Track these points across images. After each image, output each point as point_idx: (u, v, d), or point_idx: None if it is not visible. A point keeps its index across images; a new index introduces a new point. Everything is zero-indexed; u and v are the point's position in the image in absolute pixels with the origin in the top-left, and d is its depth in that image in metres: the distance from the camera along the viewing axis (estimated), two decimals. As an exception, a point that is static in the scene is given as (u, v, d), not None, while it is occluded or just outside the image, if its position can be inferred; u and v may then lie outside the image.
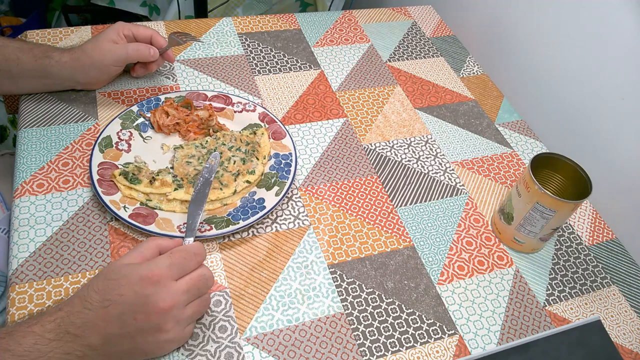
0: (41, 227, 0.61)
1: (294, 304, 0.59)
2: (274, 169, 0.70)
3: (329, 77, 0.89)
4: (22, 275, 0.56)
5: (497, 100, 0.91)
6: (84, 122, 0.73)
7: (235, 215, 0.64)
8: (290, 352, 0.55)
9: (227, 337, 0.55)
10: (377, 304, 0.60)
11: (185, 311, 0.49)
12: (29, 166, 0.67)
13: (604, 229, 0.74)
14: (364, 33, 1.00)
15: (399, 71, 0.93)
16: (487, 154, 0.81)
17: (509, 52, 1.02)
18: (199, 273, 0.51)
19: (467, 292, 0.63)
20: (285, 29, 0.97)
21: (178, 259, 0.49)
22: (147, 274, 0.47)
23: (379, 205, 0.71)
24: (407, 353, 0.57)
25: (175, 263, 0.49)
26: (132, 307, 0.46)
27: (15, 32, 1.54)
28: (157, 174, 0.66)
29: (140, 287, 0.46)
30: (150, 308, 0.46)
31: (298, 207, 0.69)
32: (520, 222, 0.65)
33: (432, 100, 0.88)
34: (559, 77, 0.91)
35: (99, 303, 0.46)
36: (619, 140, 0.80)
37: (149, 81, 0.81)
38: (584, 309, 0.64)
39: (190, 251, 0.51)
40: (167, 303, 0.47)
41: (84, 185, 0.66)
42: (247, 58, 0.89)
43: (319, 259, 0.63)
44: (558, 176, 0.67)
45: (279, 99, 0.83)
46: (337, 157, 0.76)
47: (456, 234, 0.69)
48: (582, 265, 0.69)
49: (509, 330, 0.61)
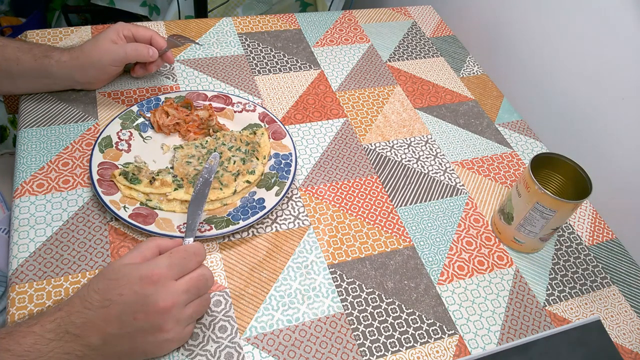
0: (41, 227, 0.61)
1: (294, 304, 0.59)
2: (274, 169, 0.70)
3: (329, 77, 0.89)
4: (22, 275, 0.56)
5: (497, 100, 0.91)
6: (84, 122, 0.73)
7: (235, 215, 0.64)
8: (290, 352, 0.55)
9: (227, 337, 0.55)
10: (377, 304, 0.60)
11: (185, 311, 0.49)
12: (29, 166, 0.67)
13: (604, 229, 0.74)
14: (364, 33, 1.00)
15: (399, 71, 0.93)
16: (487, 154, 0.81)
17: (509, 52, 1.02)
18: (199, 273, 0.51)
19: (467, 292, 0.63)
20: (285, 29, 0.97)
21: (178, 259, 0.49)
22: (147, 273, 0.47)
23: (379, 205, 0.71)
24: (407, 353, 0.57)
25: (175, 263, 0.49)
26: (132, 307, 0.46)
27: (15, 32, 1.54)
28: (157, 174, 0.66)
29: (140, 287, 0.46)
30: (150, 308, 0.47)
31: (298, 207, 0.69)
32: (520, 222, 0.65)
33: (432, 100, 0.88)
34: (559, 77, 0.91)
35: (99, 303, 0.46)
36: (619, 140, 0.80)
37: (149, 81, 0.81)
38: (584, 309, 0.64)
39: (190, 251, 0.51)
40: (167, 303, 0.47)
41: (84, 185, 0.66)
42: (247, 58, 0.89)
43: (319, 259, 0.63)
44: (558, 176, 0.67)
45: (279, 99, 0.83)
46: (337, 157, 0.76)
47: (456, 234, 0.69)
48: (582, 265, 0.69)
49: (509, 330, 0.61)
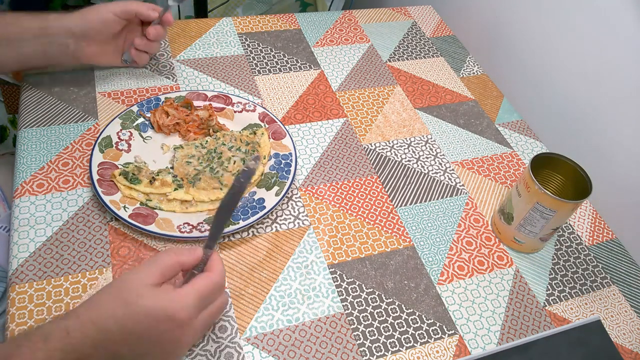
0: (41, 227, 0.61)
1: (294, 304, 0.59)
2: (274, 169, 0.70)
3: (329, 77, 0.89)
4: (22, 275, 0.56)
5: (497, 100, 0.91)
6: (84, 122, 0.73)
7: (235, 216, 0.64)
8: (290, 352, 0.55)
9: (227, 337, 0.55)
10: (377, 304, 0.60)
11: (199, 332, 0.49)
12: (29, 166, 0.67)
13: (604, 229, 0.74)
14: (364, 33, 1.00)
15: (399, 71, 0.93)
16: (487, 154, 0.81)
17: (509, 52, 1.02)
18: (219, 304, 0.50)
19: (467, 292, 0.63)
20: (285, 29, 0.97)
21: (206, 299, 0.48)
22: (173, 314, 0.45)
23: (379, 205, 0.71)
24: (407, 353, 0.57)
25: (203, 302, 0.48)
26: (151, 339, 0.45)
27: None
28: (157, 174, 0.66)
29: (166, 326, 0.45)
30: (173, 345, 0.47)
31: (298, 207, 0.69)
32: (520, 222, 0.65)
33: (432, 100, 0.88)
34: (559, 77, 0.91)
35: (118, 330, 0.44)
36: (619, 141, 0.80)
37: (149, 81, 0.81)
38: (584, 309, 0.64)
39: (219, 284, 0.49)
40: (187, 338, 0.47)
41: (84, 185, 0.66)
42: (247, 58, 0.89)
43: (319, 259, 0.63)
44: (558, 176, 0.67)
45: (279, 99, 0.83)
46: (337, 157, 0.76)
47: (456, 234, 0.69)
48: (582, 265, 0.69)
49: (509, 330, 0.61)
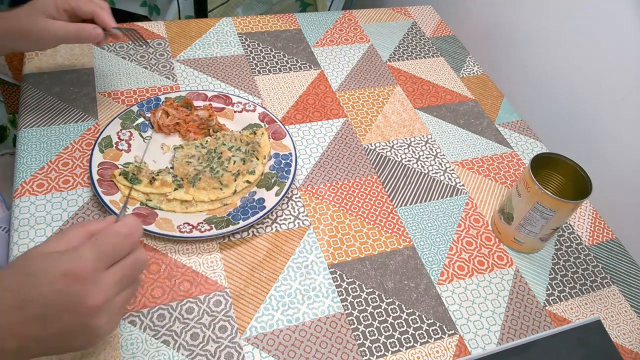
0: (41, 227, 0.61)
1: (294, 304, 0.59)
2: (274, 169, 0.70)
3: (329, 77, 0.89)
4: (22, 275, 0.56)
5: (497, 100, 0.91)
6: (84, 122, 0.73)
7: (235, 215, 0.64)
8: (290, 352, 0.55)
9: (227, 337, 0.55)
10: (377, 304, 0.60)
11: (117, 302, 0.43)
12: (29, 166, 0.67)
13: (604, 229, 0.74)
14: (364, 33, 1.00)
15: (399, 71, 0.93)
16: (487, 154, 0.81)
17: (509, 52, 1.02)
18: (132, 260, 0.44)
19: (467, 292, 0.63)
20: (285, 29, 0.97)
21: (106, 248, 0.42)
22: (71, 269, 0.40)
23: (379, 205, 0.71)
24: (407, 353, 0.57)
25: (104, 252, 0.42)
26: (56, 307, 0.40)
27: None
28: (157, 174, 0.66)
29: (64, 285, 0.40)
30: (77, 307, 0.40)
31: (298, 207, 0.69)
32: (520, 222, 0.65)
33: (432, 100, 0.88)
34: (559, 77, 0.91)
35: (14, 303, 0.39)
36: (619, 140, 0.80)
37: (149, 81, 0.81)
38: (584, 309, 0.64)
39: (121, 233, 0.43)
40: (97, 300, 0.40)
41: (84, 185, 0.66)
42: (247, 58, 0.89)
43: (319, 259, 0.63)
44: (558, 176, 0.67)
45: (279, 99, 0.83)
46: (337, 157, 0.76)
47: (456, 234, 0.69)
48: (582, 265, 0.69)
49: (509, 330, 0.61)
